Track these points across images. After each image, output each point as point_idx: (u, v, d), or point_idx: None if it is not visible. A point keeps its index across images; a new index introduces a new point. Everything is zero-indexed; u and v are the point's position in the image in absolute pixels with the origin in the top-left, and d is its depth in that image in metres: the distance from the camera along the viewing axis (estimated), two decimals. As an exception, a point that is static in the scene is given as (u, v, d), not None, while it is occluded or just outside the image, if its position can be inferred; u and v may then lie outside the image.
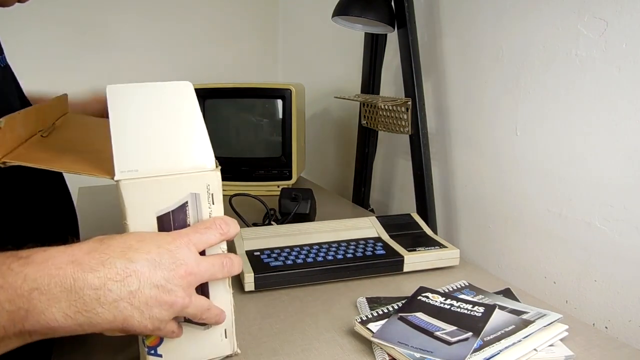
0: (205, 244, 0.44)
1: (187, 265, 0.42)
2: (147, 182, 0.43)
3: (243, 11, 1.72)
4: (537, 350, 0.53)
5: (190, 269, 0.42)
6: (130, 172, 0.42)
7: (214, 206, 0.45)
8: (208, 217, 0.45)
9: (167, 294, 0.41)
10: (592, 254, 0.76)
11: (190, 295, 0.42)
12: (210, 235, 0.44)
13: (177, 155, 0.44)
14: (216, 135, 1.20)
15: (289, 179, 1.21)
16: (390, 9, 0.94)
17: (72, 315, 0.37)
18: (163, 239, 0.42)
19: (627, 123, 0.69)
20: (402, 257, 0.75)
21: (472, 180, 0.98)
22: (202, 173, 0.44)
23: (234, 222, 0.46)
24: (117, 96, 0.43)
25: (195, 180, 0.44)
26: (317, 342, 0.58)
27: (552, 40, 0.78)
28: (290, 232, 0.82)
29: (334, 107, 1.50)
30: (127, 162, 0.42)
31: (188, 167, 0.44)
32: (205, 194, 0.45)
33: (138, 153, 0.42)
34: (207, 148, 0.45)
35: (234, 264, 0.46)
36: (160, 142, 0.43)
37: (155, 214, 0.43)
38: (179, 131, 0.44)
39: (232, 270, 0.46)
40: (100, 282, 0.38)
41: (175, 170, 0.43)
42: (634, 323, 0.70)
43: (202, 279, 0.44)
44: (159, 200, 0.43)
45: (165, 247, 0.41)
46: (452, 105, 1.01)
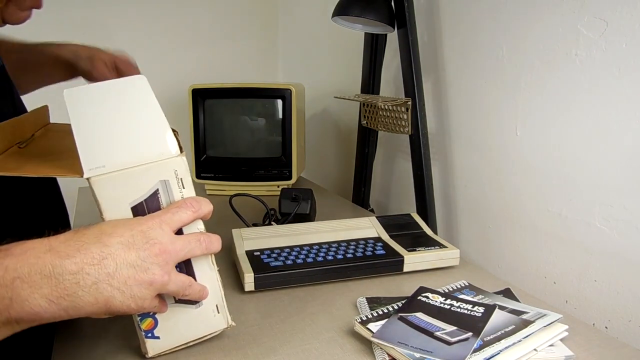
0: (178, 222, 0.46)
1: (160, 244, 0.43)
2: (115, 176, 0.45)
3: (243, 11, 1.72)
4: (537, 350, 0.53)
5: (164, 247, 0.43)
6: (97, 168, 0.44)
7: (185, 190, 0.48)
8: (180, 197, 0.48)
9: (144, 272, 0.42)
10: (592, 254, 0.76)
11: (168, 272, 0.44)
12: (182, 213, 0.46)
13: (141, 147, 0.46)
14: (216, 135, 1.21)
15: (289, 179, 1.21)
16: (390, 9, 0.94)
17: (55, 300, 0.39)
18: (135, 222, 0.44)
19: (627, 123, 0.69)
20: (402, 257, 0.75)
21: (472, 180, 0.98)
22: (168, 160, 0.46)
23: (205, 200, 0.48)
24: (75, 98, 0.44)
25: (162, 168, 0.46)
26: (317, 342, 0.58)
27: (552, 40, 0.78)
28: (290, 232, 0.82)
29: (334, 107, 1.50)
30: (93, 160, 0.44)
31: (153, 156, 0.46)
32: (174, 179, 0.47)
33: (103, 149, 0.44)
34: (169, 136, 0.47)
35: (212, 241, 0.48)
36: (123, 136, 0.45)
37: (129, 205, 0.46)
38: (139, 124, 0.46)
39: (210, 247, 0.48)
40: (77, 267, 0.40)
41: (141, 161, 0.45)
42: (634, 323, 0.70)
43: (179, 257, 0.45)
44: (130, 192, 0.46)
45: (138, 229, 0.43)
46: (452, 105, 1.01)
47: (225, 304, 0.53)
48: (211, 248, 0.48)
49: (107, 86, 0.45)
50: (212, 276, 0.51)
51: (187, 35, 1.64)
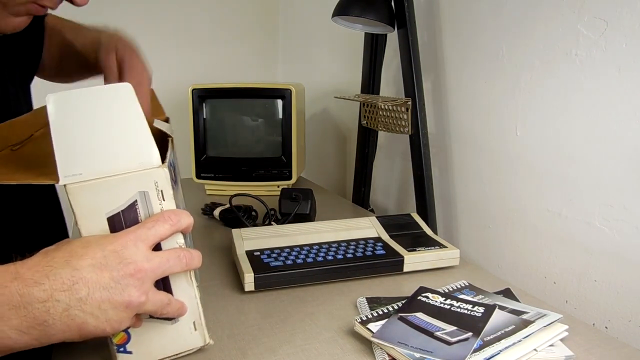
0: (155, 237, 0.43)
1: (135, 263, 0.41)
2: (92, 184, 0.43)
3: (243, 11, 1.72)
4: (537, 350, 0.53)
5: (140, 266, 0.41)
6: (74, 175, 0.43)
7: (165, 202, 0.46)
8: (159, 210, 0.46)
9: (119, 294, 0.40)
10: (592, 254, 0.76)
11: (145, 292, 0.42)
12: (159, 227, 0.44)
13: (122, 156, 0.44)
14: (216, 135, 1.21)
15: (289, 179, 1.21)
16: (390, 9, 0.94)
17: (26, 330, 0.37)
18: (107, 241, 0.41)
19: (627, 123, 0.69)
20: (402, 257, 0.75)
21: (472, 180, 0.98)
22: (148, 171, 0.45)
23: (185, 213, 0.46)
24: (58, 103, 0.43)
25: (141, 178, 0.45)
26: (317, 342, 0.58)
27: (552, 40, 0.78)
28: (290, 232, 0.82)
29: (334, 107, 1.50)
30: (70, 166, 0.43)
31: (133, 166, 0.44)
32: (154, 191, 0.45)
33: (81, 157, 0.43)
34: (151, 146, 0.45)
35: (193, 257, 0.46)
36: (103, 144, 0.44)
37: (105, 215, 0.44)
38: (120, 132, 0.45)
39: (190, 264, 0.45)
40: (46, 294, 0.38)
41: (120, 170, 0.44)
42: (634, 323, 0.70)
43: (156, 275, 0.43)
44: (107, 201, 0.44)
45: (110, 249, 0.41)
46: (452, 105, 1.01)
47: (203, 321, 0.51)
48: (191, 264, 0.46)
49: (91, 93, 0.44)
50: (190, 292, 0.49)
51: (187, 35, 1.64)
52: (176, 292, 0.48)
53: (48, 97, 0.42)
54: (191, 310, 0.49)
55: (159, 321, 0.48)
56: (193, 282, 0.49)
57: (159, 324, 0.48)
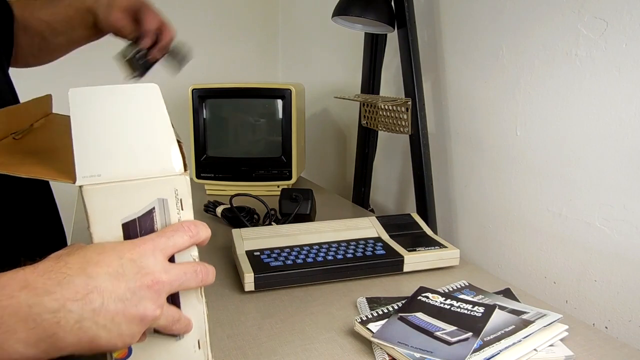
0: (173, 248, 0.41)
1: (153, 274, 0.39)
2: (110, 187, 0.41)
3: (243, 11, 1.72)
4: (537, 350, 0.53)
5: (158, 278, 0.39)
6: (92, 177, 0.41)
7: (183, 212, 0.44)
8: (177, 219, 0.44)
9: (134, 307, 0.38)
10: (592, 254, 0.76)
11: (161, 305, 0.40)
12: (177, 238, 0.41)
13: (143, 160, 0.42)
14: (216, 135, 1.21)
15: (289, 179, 1.21)
16: (390, 9, 0.94)
17: (34, 343, 0.35)
18: (125, 248, 0.39)
19: (627, 123, 0.69)
20: (402, 257, 0.75)
21: (472, 180, 0.98)
22: (169, 177, 0.43)
23: (204, 225, 0.44)
24: (80, 99, 0.41)
25: (161, 185, 0.43)
26: (317, 342, 0.58)
27: (552, 40, 0.78)
28: (290, 232, 0.82)
29: (334, 107, 1.50)
30: (89, 167, 0.41)
31: (154, 171, 0.42)
32: (173, 199, 0.43)
33: (101, 157, 0.41)
34: (174, 152, 0.43)
35: (209, 273, 0.44)
36: (125, 146, 0.42)
37: (120, 220, 0.42)
38: (144, 135, 0.43)
39: (206, 279, 0.43)
40: (58, 304, 0.35)
41: (140, 175, 0.42)
42: (634, 323, 0.70)
43: (172, 288, 0.41)
44: (124, 207, 0.42)
45: (128, 257, 0.38)
46: (452, 105, 1.01)
47: (208, 339, 0.48)
48: (207, 280, 0.43)
49: (117, 91, 0.42)
50: (199, 309, 0.46)
51: (187, 35, 1.63)
52: (185, 307, 0.46)
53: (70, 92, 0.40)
54: (197, 328, 0.47)
55: (163, 337, 0.45)
56: (202, 299, 0.46)
57: (162, 340, 0.46)
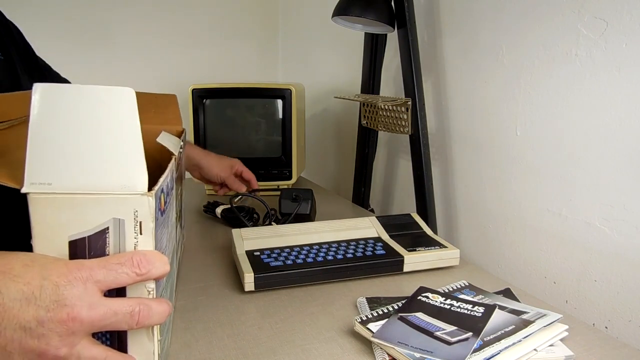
0: (113, 283, 0.36)
1: (72, 308, 0.33)
2: (60, 199, 0.36)
3: (243, 11, 1.72)
4: (537, 350, 0.53)
5: (76, 314, 0.33)
6: (41, 185, 0.36)
7: (142, 237, 0.38)
8: (132, 249, 0.38)
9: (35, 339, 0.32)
10: (592, 254, 0.76)
11: (69, 345, 0.34)
12: (121, 273, 0.36)
13: (103, 172, 0.37)
14: (216, 135, 1.21)
15: (289, 179, 1.21)
16: (390, 9, 0.94)
17: None
18: (55, 268, 0.34)
19: (627, 123, 0.69)
20: (402, 257, 0.75)
21: (472, 180, 0.98)
22: (129, 196, 0.37)
23: (161, 260, 0.38)
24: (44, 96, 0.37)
25: (119, 203, 0.37)
26: (317, 342, 0.58)
27: (552, 40, 0.78)
28: (290, 232, 0.82)
29: (334, 107, 1.50)
30: (40, 173, 0.36)
31: (114, 186, 0.37)
32: (131, 221, 0.38)
33: (55, 164, 0.37)
34: (140, 167, 0.38)
35: (152, 314, 0.37)
36: (85, 155, 0.37)
37: (67, 237, 0.37)
38: (109, 144, 0.38)
39: (143, 321, 0.36)
40: None
41: (97, 188, 0.37)
42: (634, 323, 0.70)
43: (94, 328, 0.35)
44: (74, 222, 0.37)
45: (53, 280, 0.33)
46: (452, 105, 1.01)
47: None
48: (145, 322, 0.36)
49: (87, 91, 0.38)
50: (148, 348, 0.40)
51: (187, 35, 1.65)
52: (132, 345, 0.39)
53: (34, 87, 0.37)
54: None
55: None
56: (154, 337, 0.40)
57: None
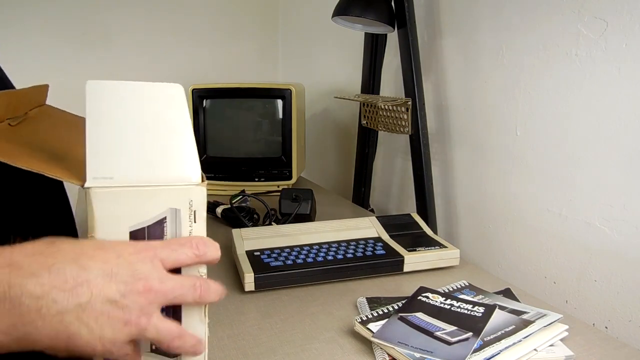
0: (175, 262, 0.39)
1: (146, 280, 0.36)
2: (122, 191, 0.38)
3: (243, 11, 1.72)
4: (538, 350, 0.53)
5: (151, 285, 0.36)
6: (104, 179, 0.38)
7: (196, 225, 0.41)
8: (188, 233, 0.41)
9: (120, 310, 0.35)
10: (592, 254, 0.76)
11: (149, 314, 0.36)
12: (181, 253, 0.39)
13: (159, 165, 0.40)
14: (216, 135, 1.21)
15: (289, 179, 1.21)
16: (390, 9, 0.94)
17: (6, 329, 0.32)
18: (125, 249, 0.37)
19: (627, 123, 0.69)
20: (402, 257, 0.75)
21: (472, 180, 0.98)
22: (186, 186, 0.40)
23: (214, 245, 0.41)
24: (98, 93, 0.38)
25: (177, 194, 0.40)
26: (317, 342, 0.58)
27: (552, 40, 0.78)
28: (290, 232, 0.82)
29: (334, 107, 1.50)
30: (101, 168, 0.38)
31: (170, 178, 0.40)
32: (187, 210, 0.40)
33: (114, 158, 0.38)
34: (193, 159, 0.41)
35: (210, 290, 0.40)
36: (141, 149, 0.39)
37: (128, 228, 0.39)
38: (163, 138, 0.40)
39: (205, 296, 0.40)
40: (42, 290, 0.32)
41: (155, 181, 0.39)
42: (634, 323, 0.70)
43: (167, 299, 0.38)
44: (134, 214, 0.39)
45: (126, 258, 0.36)
46: (452, 105, 1.01)
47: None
48: (206, 298, 0.40)
49: (139, 88, 0.40)
50: (200, 330, 0.42)
51: (187, 35, 1.64)
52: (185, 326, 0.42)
53: (88, 84, 0.38)
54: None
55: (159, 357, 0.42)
56: (205, 319, 0.43)
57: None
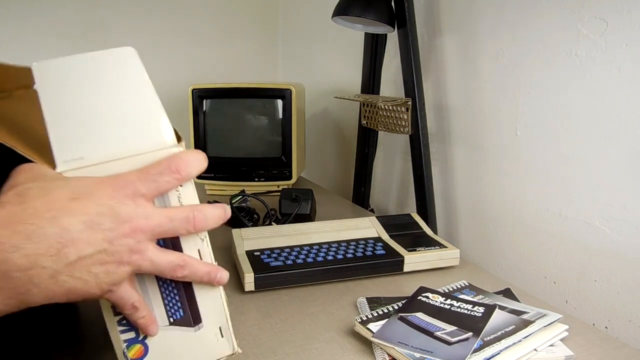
0: (158, 192, 0.37)
1: (131, 222, 0.35)
2: (96, 170, 0.36)
3: (243, 11, 1.72)
4: (537, 350, 0.53)
5: (136, 225, 0.35)
6: (74, 160, 0.36)
7: (183, 188, 0.38)
8: (178, 203, 0.39)
9: (111, 255, 0.35)
10: (592, 254, 0.76)
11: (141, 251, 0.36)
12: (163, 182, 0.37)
13: (129, 134, 0.38)
14: (216, 135, 1.21)
15: (289, 179, 1.21)
16: (390, 9, 0.94)
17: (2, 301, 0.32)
18: (103, 192, 0.35)
19: (627, 123, 0.69)
20: (402, 257, 0.75)
21: (472, 180, 0.98)
22: (161, 150, 0.38)
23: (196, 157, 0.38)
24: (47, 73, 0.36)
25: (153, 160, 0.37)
26: (317, 342, 0.58)
27: (552, 40, 0.78)
28: (290, 232, 0.82)
29: (334, 107, 1.50)
30: (69, 150, 0.36)
31: (143, 146, 0.38)
32: None
33: (81, 138, 0.37)
34: (163, 121, 0.38)
35: (207, 217, 0.38)
36: (106, 121, 0.37)
37: None
38: (126, 106, 0.38)
39: (201, 225, 0.38)
40: (29, 260, 0.32)
41: (128, 151, 0.37)
42: (634, 323, 0.70)
43: (156, 234, 0.37)
44: None
45: (105, 203, 0.34)
46: (452, 105, 1.01)
47: (230, 326, 0.43)
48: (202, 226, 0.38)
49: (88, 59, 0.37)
50: (215, 294, 0.42)
51: (187, 35, 1.64)
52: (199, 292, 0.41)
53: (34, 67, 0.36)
54: (217, 313, 0.43)
55: (179, 328, 0.42)
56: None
57: (180, 332, 0.42)
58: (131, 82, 0.38)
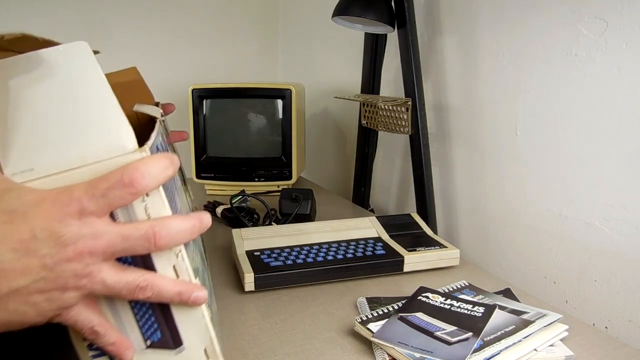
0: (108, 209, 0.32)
1: (76, 245, 0.31)
2: (49, 182, 0.33)
3: (243, 11, 1.72)
4: (538, 350, 0.53)
5: (82, 248, 0.31)
6: (23, 173, 0.33)
7: (150, 198, 0.34)
8: (145, 215, 0.34)
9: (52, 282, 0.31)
10: (592, 254, 0.76)
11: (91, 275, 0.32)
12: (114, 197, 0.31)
13: (84, 140, 0.34)
14: (216, 135, 1.21)
15: (289, 179, 1.21)
16: (390, 9, 0.94)
17: None
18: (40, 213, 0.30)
19: (627, 123, 0.69)
20: (402, 257, 0.75)
21: (472, 180, 0.98)
22: (121, 157, 0.33)
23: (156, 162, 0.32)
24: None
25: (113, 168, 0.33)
26: (317, 342, 0.58)
27: (552, 40, 0.78)
28: (291, 232, 0.82)
29: (334, 107, 1.50)
30: (17, 161, 0.33)
31: (100, 152, 0.33)
32: None
33: (30, 147, 0.33)
34: (122, 123, 0.34)
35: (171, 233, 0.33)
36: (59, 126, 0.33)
37: None
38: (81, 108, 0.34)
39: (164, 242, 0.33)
40: None
41: (83, 159, 0.33)
42: (634, 323, 0.70)
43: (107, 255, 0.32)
44: None
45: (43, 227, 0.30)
46: (452, 105, 1.01)
47: (217, 347, 0.38)
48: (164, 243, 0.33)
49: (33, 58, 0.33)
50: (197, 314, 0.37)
51: (187, 35, 1.64)
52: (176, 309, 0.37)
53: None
54: (200, 334, 0.38)
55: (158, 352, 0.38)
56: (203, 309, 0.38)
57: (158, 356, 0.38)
58: (84, 81, 0.34)
